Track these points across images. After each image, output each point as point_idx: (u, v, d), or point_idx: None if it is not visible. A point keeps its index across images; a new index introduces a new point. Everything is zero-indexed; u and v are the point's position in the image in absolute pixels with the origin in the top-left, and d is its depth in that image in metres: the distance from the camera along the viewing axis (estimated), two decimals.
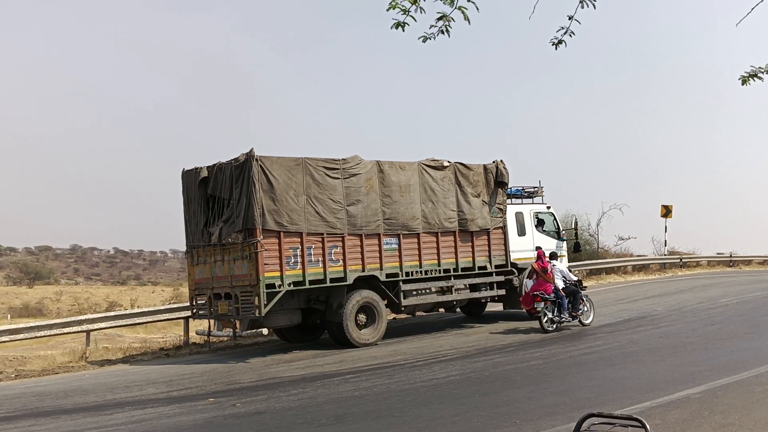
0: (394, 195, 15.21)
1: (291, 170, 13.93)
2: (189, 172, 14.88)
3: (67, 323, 15.92)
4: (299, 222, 13.88)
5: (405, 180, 15.43)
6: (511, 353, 12.95)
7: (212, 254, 14.34)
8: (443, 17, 4.75)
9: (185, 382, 11.75)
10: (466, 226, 16.29)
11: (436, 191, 15.89)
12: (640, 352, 12.54)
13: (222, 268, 14.13)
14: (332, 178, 14.41)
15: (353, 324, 14.55)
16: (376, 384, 10.64)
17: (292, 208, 13.81)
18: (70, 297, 47.97)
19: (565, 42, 5.23)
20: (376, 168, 15.08)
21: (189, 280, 15.38)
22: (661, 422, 7.42)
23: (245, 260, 13.55)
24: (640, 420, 2.68)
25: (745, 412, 7.72)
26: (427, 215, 15.68)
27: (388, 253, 15.09)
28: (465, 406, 8.87)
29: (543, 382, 10.28)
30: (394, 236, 15.20)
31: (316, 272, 14.08)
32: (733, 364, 10.79)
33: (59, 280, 77.86)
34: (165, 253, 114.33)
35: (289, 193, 13.80)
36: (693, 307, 18.86)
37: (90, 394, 11.20)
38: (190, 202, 14.91)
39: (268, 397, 10.10)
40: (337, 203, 14.42)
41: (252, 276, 13.39)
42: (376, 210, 14.93)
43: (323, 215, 14.20)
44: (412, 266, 15.45)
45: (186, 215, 15.09)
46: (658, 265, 34.28)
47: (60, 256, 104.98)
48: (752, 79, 5.85)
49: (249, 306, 13.53)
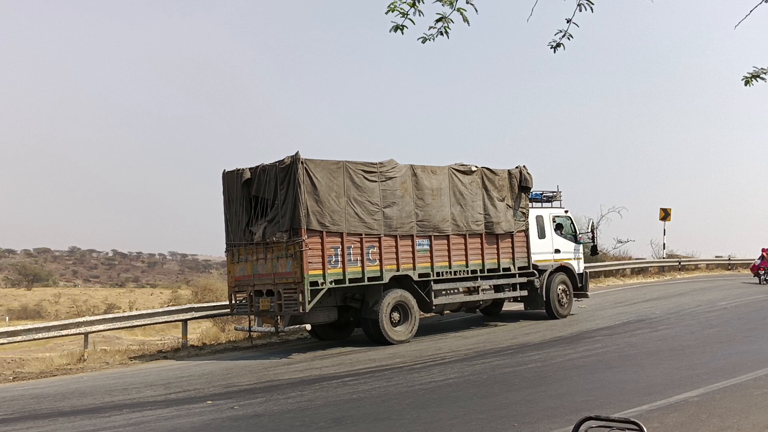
0: (427, 198, 15.71)
1: (332, 173, 14.38)
2: (231, 173, 15.30)
3: (64, 325, 15.88)
4: (340, 222, 14.34)
5: (436, 184, 15.94)
6: (509, 356, 12.94)
7: (254, 252, 14.78)
8: (442, 18, 4.78)
9: (183, 384, 11.74)
10: (492, 228, 16.78)
11: (464, 195, 16.40)
12: (639, 355, 12.53)
13: (264, 266, 14.56)
14: (370, 181, 14.90)
15: (388, 322, 15.00)
16: (374, 387, 10.62)
17: (333, 209, 14.25)
18: (69, 299, 47.95)
19: (564, 45, 5.23)
20: (410, 172, 15.57)
21: (228, 278, 15.79)
22: (659, 425, 7.41)
23: (290, 258, 14.00)
24: (637, 423, 2.68)
25: (743, 416, 7.71)
26: (456, 218, 16.17)
27: (421, 254, 15.57)
28: (463, 408, 8.86)
29: (541, 385, 10.27)
30: (426, 237, 15.68)
31: (355, 271, 14.55)
32: (732, 367, 10.79)
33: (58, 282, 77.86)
34: (164, 256, 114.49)
35: (331, 195, 14.26)
36: (691, 310, 18.87)
37: (88, 396, 11.18)
38: (231, 202, 15.33)
39: (267, 399, 10.08)
40: (375, 205, 14.89)
41: (296, 273, 13.84)
42: (410, 212, 15.40)
43: (362, 216, 14.67)
44: (443, 267, 15.94)
45: (227, 215, 15.52)
46: (656, 268, 34.29)
47: (58, 258, 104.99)
48: (755, 79, 5.86)
49: (292, 303, 13.98)
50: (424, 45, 4.83)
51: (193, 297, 29.70)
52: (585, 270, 19.59)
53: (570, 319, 18.16)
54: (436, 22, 4.81)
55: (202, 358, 15.16)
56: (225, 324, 19.81)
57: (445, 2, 4.68)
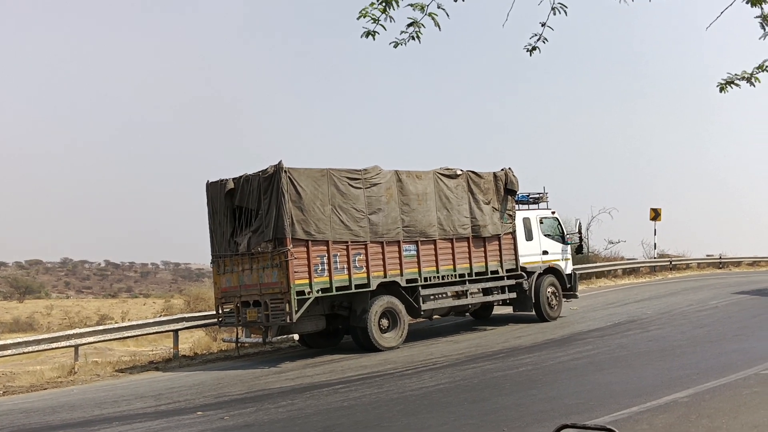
0: (412, 203, 15.68)
1: (317, 181, 14.34)
2: (214, 183, 15.24)
3: (54, 338, 15.79)
4: (325, 231, 14.28)
5: (422, 189, 15.92)
6: (500, 360, 12.94)
7: (240, 263, 14.69)
8: (413, 23, 4.81)
9: (174, 396, 11.69)
10: (479, 232, 16.78)
11: (450, 199, 16.38)
12: (629, 356, 12.56)
13: (251, 277, 14.49)
14: (355, 188, 14.85)
15: (377, 329, 14.95)
16: (365, 394, 10.61)
17: (318, 218, 14.20)
18: (61, 311, 47.70)
19: (539, 48, 5.25)
20: (395, 178, 15.55)
21: (215, 289, 15.70)
22: (648, 427, 7.43)
23: (275, 268, 13.93)
24: (611, 430, 2.68)
25: (732, 416, 7.73)
26: (443, 222, 16.16)
27: (408, 260, 15.54)
28: (453, 414, 8.85)
29: (532, 388, 10.27)
30: (413, 243, 15.66)
31: (341, 279, 14.51)
32: (721, 366, 10.82)
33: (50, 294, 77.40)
34: (156, 265, 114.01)
35: (315, 203, 14.21)
36: (682, 310, 18.93)
37: (77, 409, 11.11)
38: (215, 213, 15.26)
39: (257, 409, 10.05)
40: (360, 212, 14.85)
41: (283, 284, 13.78)
42: (396, 218, 15.38)
43: (347, 224, 14.61)
44: (430, 272, 15.92)
45: (211, 226, 15.45)
46: (648, 268, 34.36)
47: (50, 270, 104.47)
48: (729, 86, 5.86)
49: (279, 313, 13.92)
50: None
51: (185, 306, 29.58)
52: (574, 270, 19.64)
53: (561, 321, 18.19)
54: (408, 26, 4.85)
55: (194, 368, 15.10)
56: (217, 333, 19.73)
57: (416, 7, 4.71)
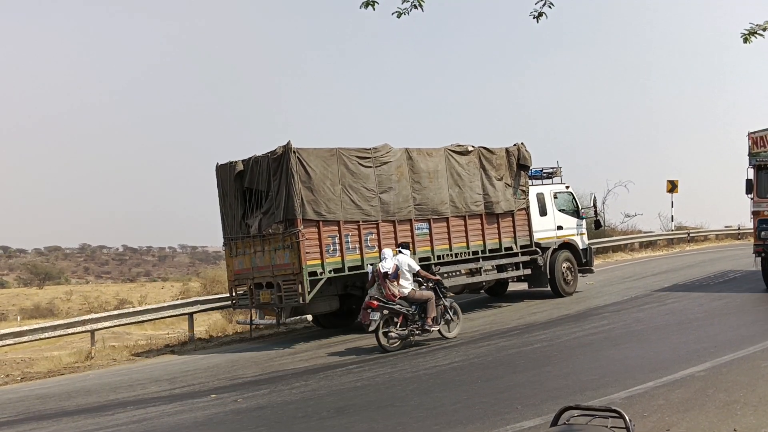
0: (423, 181, 15.52)
1: (326, 161, 14.20)
2: (224, 166, 15.15)
3: (71, 324, 15.88)
4: (336, 211, 14.18)
5: (433, 166, 15.75)
6: (515, 336, 12.84)
7: (251, 245, 14.66)
8: None
9: (188, 379, 11.71)
10: (492, 208, 16.61)
11: (462, 176, 16.20)
12: (646, 330, 12.41)
13: (263, 259, 14.45)
14: (365, 167, 14.71)
15: None
16: (378, 373, 10.56)
17: (329, 198, 14.09)
18: (80, 296, 48.10)
19: (546, 14, 5.10)
20: (405, 155, 15.38)
21: (228, 272, 15.69)
22: (664, 402, 7.31)
23: (287, 250, 13.87)
24: (617, 411, 2.56)
25: (750, 389, 7.59)
26: (455, 199, 16.01)
27: (420, 238, 15.41)
28: (467, 392, 8.78)
29: (546, 365, 10.17)
30: (425, 221, 15.53)
31: (353, 259, 14.41)
32: (739, 339, 10.66)
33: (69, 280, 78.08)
34: (174, 249, 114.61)
35: (325, 183, 14.08)
36: (700, 283, 18.70)
37: (93, 394, 11.18)
38: (225, 196, 15.21)
39: (270, 391, 10.04)
40: (371, 191, 14.73)
41: (295, 265, 13.70)
42: (407, 196, 15.24)
43: (358, 203, 14.50)
44: (443, 249, 15.80)
45: (222, 208, 15.40)
46: (665, 241, 34.05)
47: (69, 256, 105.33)
48: (753, 36, 5.71)
49: (292, 294, 13.87)
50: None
51: (202, 289, 29.70)
52: (589, 245, 19.44)
53: (576, 296, 18.03)
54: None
55: (209, 351, 15.15)
56: (232, 315, 19.78)
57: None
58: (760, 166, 16.03)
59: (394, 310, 12.26)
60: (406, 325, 12.39)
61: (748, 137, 16.18)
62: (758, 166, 16.05)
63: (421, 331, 12.51)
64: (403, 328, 12.35)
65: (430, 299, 12.51)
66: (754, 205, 16.30)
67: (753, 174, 16.19)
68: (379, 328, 12.10)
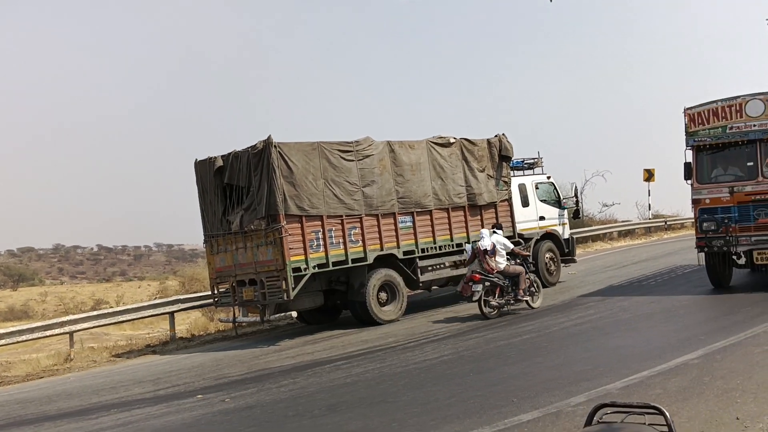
0: (406, 174, 15.41)
1: (308, 155, 14.02)
2: (202, 162, 14.87)
3: (48, 326, 15.51)
4: (319, 206, 14.03)
5: (415, 159, 15.64)
6: (502, 328, 12.74)
7: (233, 242, 14.42)
8: None
9: (172, 379, 11.46)
10: (475, 200, 16.57)
11: (444, 168, 16.11)
12: (633, 319, 12.38)
13: (245, 255, 14.23)
14: (347, 161, 14.56)
15: (376, 302, 14.79)
16: (368, 369, 10.39)
17: (311, 193, 13.92)
18: (56, 297, 47.31)
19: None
20: (388, 148, 15.26)
21: (209, 269, 15.44)
22: (662, 392, 7.23)
23: (270, 246, 13.67)
24: (657, 407, 2.42)
25: (747, 376, 7.54)
26: (438, 192, 15.92)
27: (404, 231, 15.34)
28: (460, 386, 8.65)
29: (537, 356, 10.08)
30: (408, 214, 15.44)
31: (338, 254, 14.28)
32: (729, 325, 10.65)
33: (44, 281, 76.89)
34: (149, 247, 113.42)
35: (308, 178, 13.90)
36: (681, 270, 18.75)
37: (75, 397, 10.89)
38: (205, 192, 14.94)
39: (258, 389, 9.83)
40: (353, 185, 14.58)
41: (278, 261, 13.52)
42: (390, 189, 15.12)
43: (341, 198, 14.35)
44: (427, 242, 15.74)
45: (202, 205, 15.13)
46: (643, 230, 34.29)
47: (43, 257, 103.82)
48: None
49: (276, 290, 13.67)
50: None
51: (180, 288, 29.32)
52: (571, 235, 19.46)
53: (560, 286, 18.01)
54: None
55: (191, 350, 14.89)
56: (213, 314, 19.49)
57: None
58: (699, 147, 14.27)
59: (493, 282, 13.72)
60: (502, 296, 13.88)
61: (684, 114, 14.39)
62: (697, 146, 14.28)
63: (514, 301, 14.08)
64: (500, 299, 13.85)
65: (521, 273, 14.04)
66: (693, 193, 14.45)
67: (692, 156, 14.35)
68: (482, 298, 13.52)
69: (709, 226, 14.12)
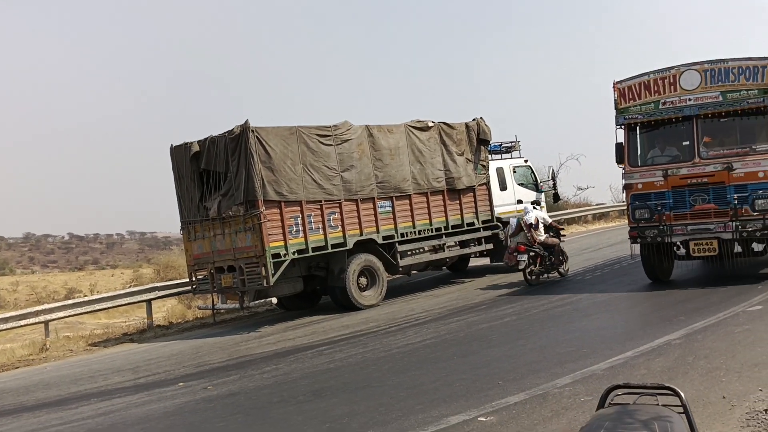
0: (385, 158, 15.34)
1: (286, 139, 13.87)
2: (178, 147, 14.64)
3: (23, 315, 15.27)
4: (298, 191, 13.89)
5: (394, 143, 15.56)
6: (483, 311, 12.76)
7: (211, 228, 14.27)
8: None
9: (152, 367, 11.32)
10: (453, 184, 16.53)
11: (423, 152, 16.06)
12: (613, 300, 12.46)
13: (223, 242, 14.09)
14: (325, 145, 14.43)
15: (356, 287, 14.75)
16: (350, 354, 10.35)
17: (290, 178, 13.79)
18: (28, 287, 46.57)
19: None
20: (366, 133, 15.15)
21: (187, 256, 15.25)
22: (646, 372, 7.28)
23: (249, 232, 13.55)
24: (672, 388, 2.38)
25: (730, 355, 7.61)
26: (417, 176, 15.87)
27: (383, 216, 15.29)
28: (444, 370, 8.64)
29: (520, 338, 10.09)
30: (388, 199, 15.38)
31: (317, 239, 14.20)
32: (708, 305, 10.73)
33: (14, 270, 75.72)
34: (122, 235, 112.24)
35: (286, 163, 13.76)
36: None
37: (53, 387, 10.72)
38: (181, 179, 14.72)
39: (241, 376, 9.74)
40: (332, 170, 14.46)
41: (257, 247, 13.40)
42: (369, 174, 15.03)
43: (320, 183, 14.24)
44: (406, 227, 15.72)
45: (178, 191, 14.91)
46: (617, 213, 34.47)
47: (13, 246, 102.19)
48: None
49: (255, 277, 13.56)
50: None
51: (155, 275, 29.00)
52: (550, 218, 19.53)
53: None
54: None
55: (170, 338, 14.73)
56: (191, 301, 19.30)
57: None
58: (631, 125, 12.92)
59: (536, 252, 15.05)
60: (543, 264, 15.22)
61: (613, 89, 12.97)
62: (628, 125, 12.92)
63: (553, 270, 15.54)
64: (542, 267, 15.20)
65: (557, 244, 15.54)
66: (625, 177, 13.17)
67: (624, 136, 13.04)
68: (527, 266, 14.81)
69: (642, 214, 12.76)
